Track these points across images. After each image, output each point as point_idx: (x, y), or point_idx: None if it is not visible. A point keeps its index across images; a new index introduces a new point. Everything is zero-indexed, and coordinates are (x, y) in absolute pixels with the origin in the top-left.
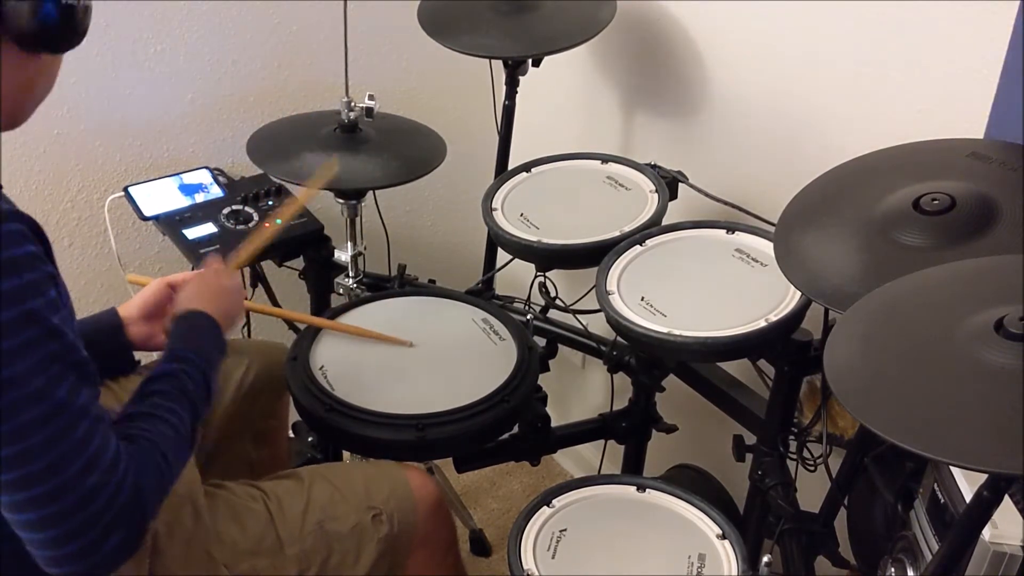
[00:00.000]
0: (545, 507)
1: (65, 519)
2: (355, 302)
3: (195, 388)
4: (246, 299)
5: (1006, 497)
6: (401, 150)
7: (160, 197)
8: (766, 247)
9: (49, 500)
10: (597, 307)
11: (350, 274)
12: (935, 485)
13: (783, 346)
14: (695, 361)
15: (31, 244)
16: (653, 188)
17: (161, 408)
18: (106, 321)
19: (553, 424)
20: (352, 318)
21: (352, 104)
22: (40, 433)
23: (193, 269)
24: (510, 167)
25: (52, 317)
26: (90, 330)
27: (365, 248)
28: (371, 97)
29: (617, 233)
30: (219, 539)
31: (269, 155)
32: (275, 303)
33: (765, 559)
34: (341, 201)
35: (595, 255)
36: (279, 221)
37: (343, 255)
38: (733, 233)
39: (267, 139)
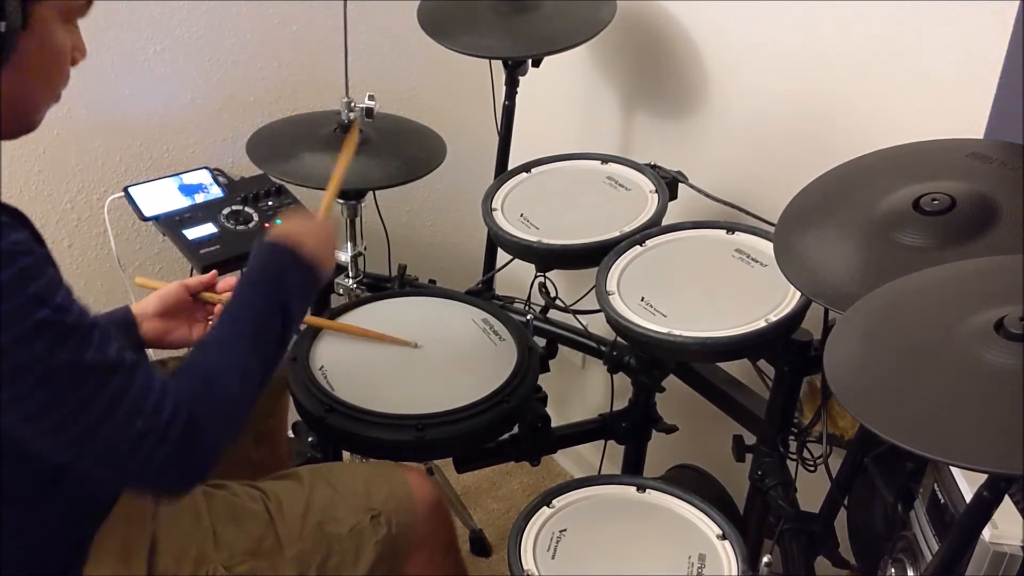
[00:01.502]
0: (545, 507)
1: (121, 466)
2: (355, 302)
3: (266, 322)
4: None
5: (1006, 497)
6: (401, 150)
7: (160, 197)
8: (766, 247)
9: (102, 454)
10: (597, 307)
11: (350, 274)
12: (935, 485)
13: (783, 346)
14: (695, 361)
15: (15, 232)
16: (653, 188)
17: (224, 337)
18: (119, 317)
19: (553, 424)
20: (352, 318)
21: (352, 104)
22: (74, 397)
23: (192, 271)
24: (510, 167)
25: (55, 296)
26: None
27: (365, 248)
28: (371, 97)
29: (617, 233)
30: (218, 539)
31: (269, 155)
32: None
33: (765, 559)
34: (341, 201)
35: (595, 255)
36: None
37: (343, 255)
38: (733, 233)
39: (267, 139)
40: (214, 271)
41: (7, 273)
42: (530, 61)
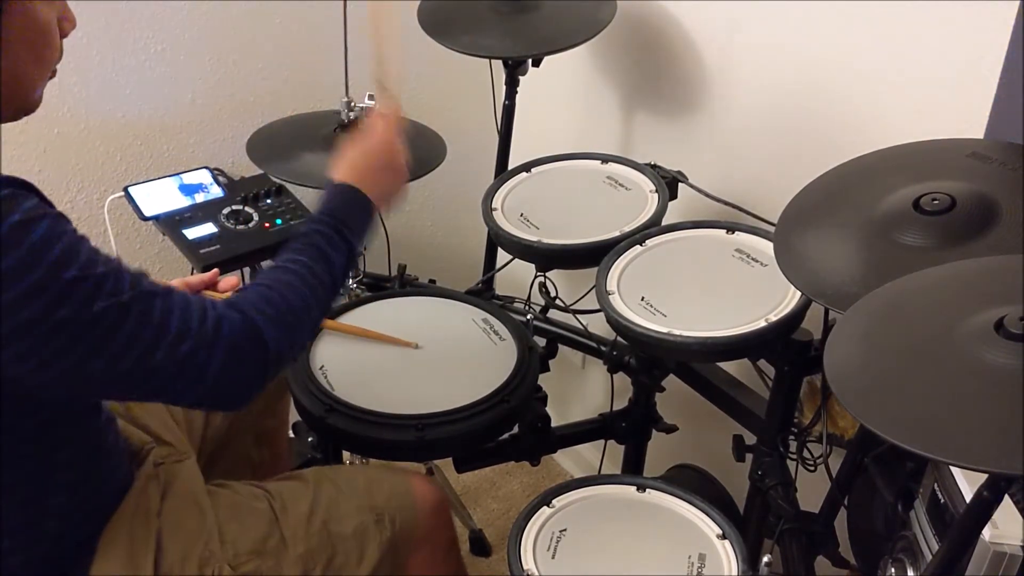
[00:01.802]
0: (545, 507)
1: (175, 389)
2: (355, 302)
3: (327, 242)
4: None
5: (1006, 497)
6: None
7: (160, 197)
8: (766, 247)
9: (153, 381)
10: (597, 307)
11: (350, 274)
12: (935, 485)
13: (783, 346)
14: (695, 361)
15: (27, 201)
16: (653, 188)
17: (286, 260)
18: None
19: (553, 424)
20: (352, 318)
21: (352, 104)
22: (123, 333)
23: (193, 271)
24: (510, 167)
25: (80, 252)
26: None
27: (365, 248)
28: (371, 97)
29: (617, 233)
30: (223, 538)
31: (269, 155)
32: None
33: (765, 559)
34: None
35: (595, 255)
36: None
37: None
38: (733, 233)
39: (267, 139)
40: (215, 270)
41: (32, 239)
42: (530, 61)
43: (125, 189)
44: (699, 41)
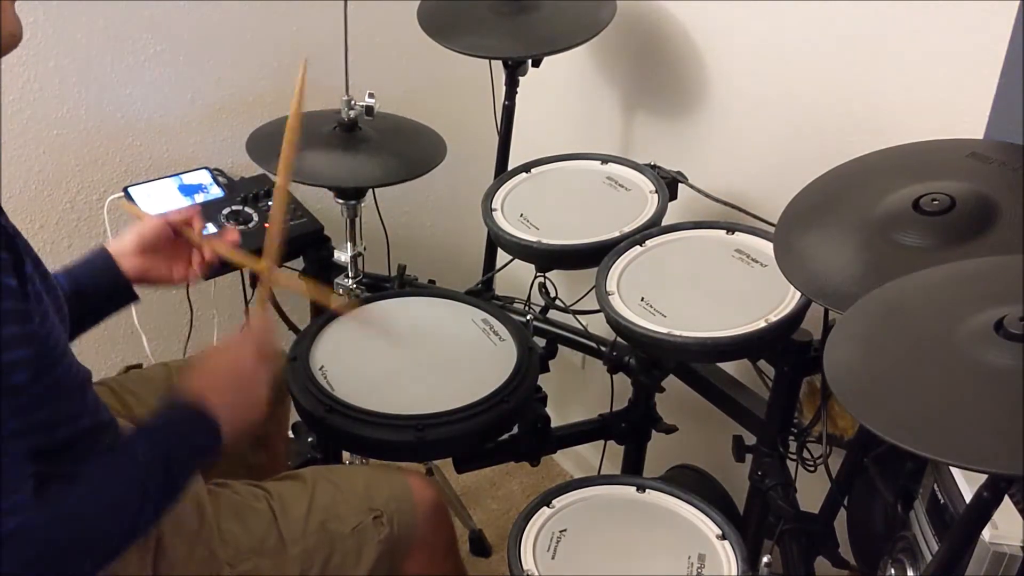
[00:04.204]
0: (545, 507)
1: None
2: (354, 302)
3: (145, 475)
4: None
5: (1006, 497)
6: (401, 149)
7: (160, 197)
8: (766, 247)
9: None
10: (597, 307)
11: (350, 274)
12: (935, 485)
13: (783, 346)
14: (695, 361)
15: None
16: (653, 188)
17: (97, 478)
18: (99, 262)
19: (553, 424)
20: (352, 318)
21: (352, 102)
22: None
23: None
24: (510, 167)
25: None
26: (84, 273)
27: (365, 248)
28: (371, 95)
29: (617, 233)
30: (222, 538)
31: (268, 153)
32: (275, 303)
33: (765, 559)
34: (341, 201)
35: (595, 255)
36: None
37: (343, 255)
38: (733, 233)
39: (267, 137)
40: (197, 206)
41: None
42: (530, 61)
43: (125, 189)
44: (699, 41)
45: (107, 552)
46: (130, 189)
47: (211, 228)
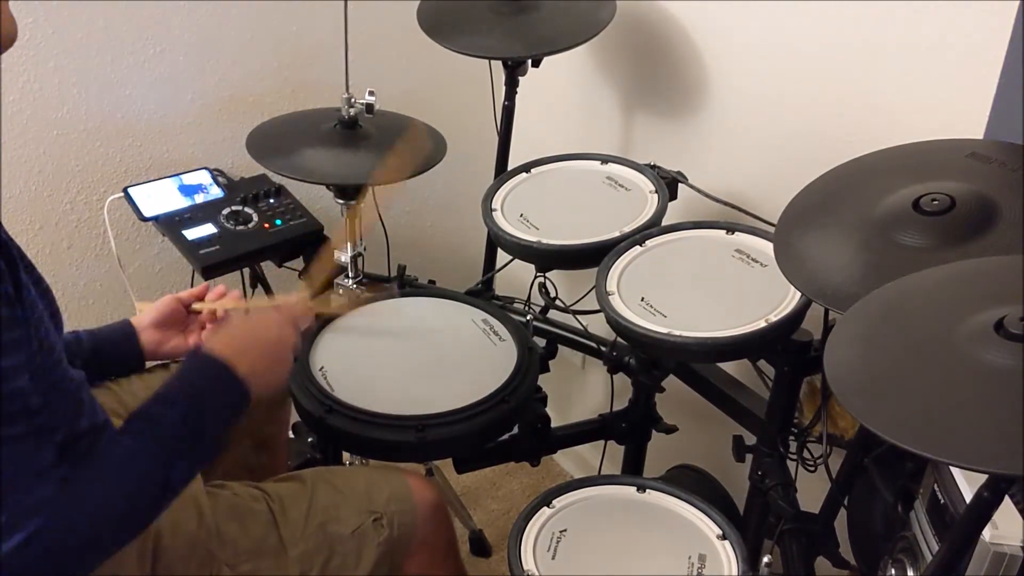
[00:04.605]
0: (545, 508)
1: None
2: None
3: (170, 435)
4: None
5: (1006, 497)
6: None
7: (160, 198)
8: (766, 247)
9: None
10: (597, 307)
11: (349, 275)
12: (935, 485)
13: (783, 346)
14: (695, 361)
15: None
16: (653, 188)
17: (119, 453)
18: (121, 330)
19: (553, 425)
20: (352, 318)
21: (352, 100)
22: None
23: (192, 272)
24: (510, 167)
25: None
26: (107, 338)
27: (365, 248)
28: (371, 93)
29: (617, 233)
30: (221, 539)
31: (268, 151)
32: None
33: (765, 559)
34: (341, 201)
35: (595, 255)
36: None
37: (343, 255)
38: (733, 233)
39: (266, 135)
40: (205, 283)
41: None
42: (530, 61)
43: (125, 190)
44: (699, 41)
45: (145, 517)
46: (130, 189)
47: (211, 229)
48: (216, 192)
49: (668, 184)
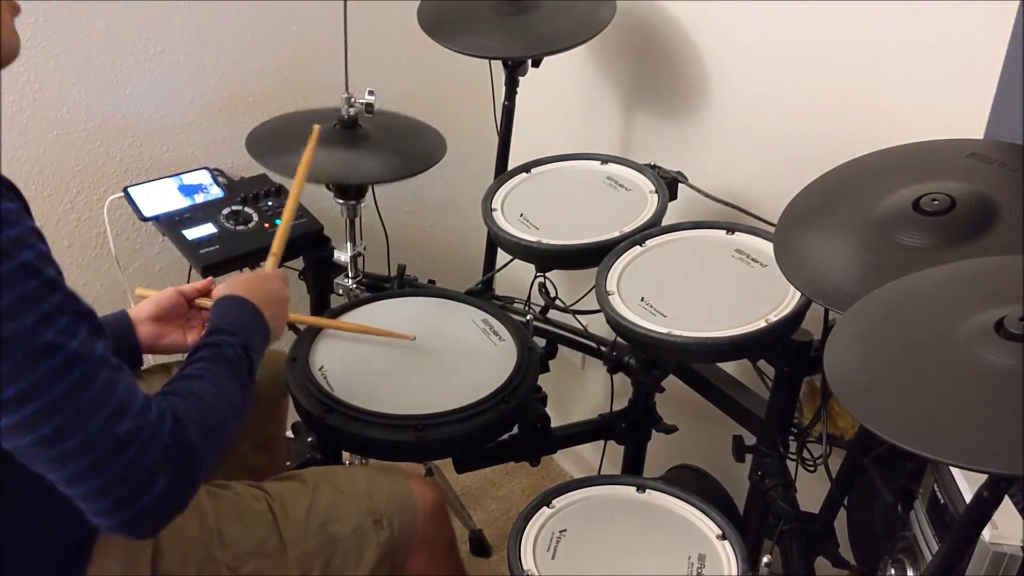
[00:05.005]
0: (545, 508)
1: (100, 470)
2: (354, 302)
3: (236, 357)
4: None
5: (1006, 497)
6: (401, 146)
7: (160, 198)
8: (766, 247)
9: (79, 453)
10: (597, 307)
11: (349, 274)
12: (935, 485)
13: (783, 346)
14: (695, 361)
15: (7, 201)
16: (653, 188)
17: (200, 370)
18: (116, 321)
19: (553, 424)
20: (351, 318)
21: (352, 100)
22: (58, 386)
23: (192, 272)
24: (510, 167)
25: (47, 269)
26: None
27: (364, 248)
28: (371, 92)
29: (617, 233)
30: (222, 540)
31: (268, 151)
32: None
33: (765, 559)
34: (341, 201)
35: (595, 255)
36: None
37: (343, 255)
38: (733, 233)
39: (266, 135)
40: (211, 278)
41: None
42: (530, 61)
43: (125, 190)
44: (699, 41)
45: (226, 440)
46: (130, 189)
47: (211, 228)
48: (216, 192)
49: (668, 184)
